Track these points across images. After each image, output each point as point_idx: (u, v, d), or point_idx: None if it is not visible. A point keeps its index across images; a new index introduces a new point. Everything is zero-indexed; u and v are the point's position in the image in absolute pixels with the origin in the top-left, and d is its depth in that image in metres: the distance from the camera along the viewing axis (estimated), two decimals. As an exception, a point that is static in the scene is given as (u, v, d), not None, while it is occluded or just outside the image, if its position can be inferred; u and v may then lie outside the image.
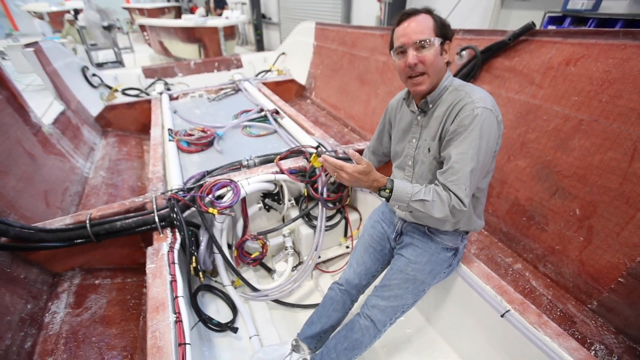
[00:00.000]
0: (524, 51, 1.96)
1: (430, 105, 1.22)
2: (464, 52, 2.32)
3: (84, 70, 3.97)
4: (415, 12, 1.14)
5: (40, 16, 10.96)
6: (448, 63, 1.20)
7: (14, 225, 1.46)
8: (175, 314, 1.22)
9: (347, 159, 2.07)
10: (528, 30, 1.92)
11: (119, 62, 7.30)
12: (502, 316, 1.27)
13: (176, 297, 1.30)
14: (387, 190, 1.15)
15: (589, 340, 1.41)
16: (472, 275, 1.41)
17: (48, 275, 1.63)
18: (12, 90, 2.30)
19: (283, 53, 5.35)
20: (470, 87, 1.16)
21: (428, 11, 1.14)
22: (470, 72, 2.22)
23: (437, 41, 1.11)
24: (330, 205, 2.02)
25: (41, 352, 1.31)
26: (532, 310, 1.24)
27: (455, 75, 2.28)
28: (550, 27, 3.48)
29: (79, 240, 1.57)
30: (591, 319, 1.50)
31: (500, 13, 4.49)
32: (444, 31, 1.12)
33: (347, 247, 2.21)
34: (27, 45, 3.04)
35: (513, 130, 1.95)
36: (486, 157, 1.11)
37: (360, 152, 2.11)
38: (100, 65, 6.87)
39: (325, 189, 1.94)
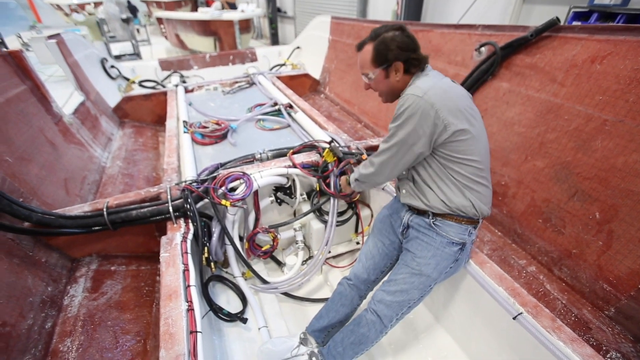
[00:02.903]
0: (546, 48, 1.90)
1: None
2: (482, 49, 2.26)
3: (102, 62, 4.06)
4: (360, 47, 1.33)
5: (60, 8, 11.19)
6: (411, 72, 1.29)
7: (37, 210, 1.52)
8: (187, 302, 1.25)
9: (360, 154, 2.07)
10: (552, 26, 1.85)
11: (136, 55, 7.43)
12: (514, 318, 1.25)
13: (188, 286, 1.33)
14: (346, 179, 1.73)
15: (604, 348, 1.37)
16: (484, 275, 1.38)
17: (67, 260, 1.69)
18: (36, 81, 2.38)
19: (298, 47, 5.33)
20: (418, 81, 1.26)
21: (372, 39, 1.28)
22: (489, 69, 2.17)
23: (374, 73, 1.31)
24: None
25: (60, 333, 1.37)
26: (546, 314, 1.21)
27: (473, 72, 2.26)
28: (576, 23, 3.35)
29: (97, 228, 1.62)
30: (608, 326, 1.46)
31: (522, 8, 4.35)
32: (382, 59, 1.26)
33: (358, 243, 2.20)
34: (50, 37, 3.12)
35: (532, 130, 1.90)
36: (413, 137, 1.19)
37: (375, 148, 2.10)
38: (117, 58, 7.01)
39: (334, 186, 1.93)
